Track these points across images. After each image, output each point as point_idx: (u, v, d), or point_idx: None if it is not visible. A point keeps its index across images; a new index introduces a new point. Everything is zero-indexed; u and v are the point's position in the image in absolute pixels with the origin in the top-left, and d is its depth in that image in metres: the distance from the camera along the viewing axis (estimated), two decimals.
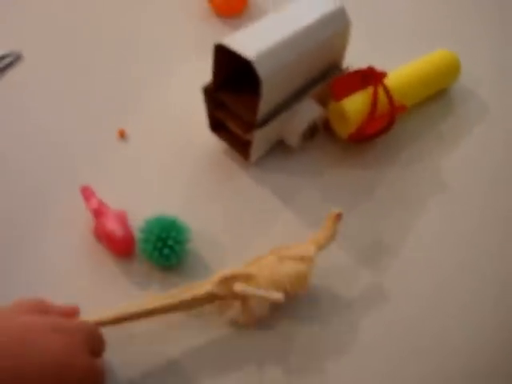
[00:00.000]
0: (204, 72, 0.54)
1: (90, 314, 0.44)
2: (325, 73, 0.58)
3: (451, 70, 0.63)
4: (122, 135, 0.60)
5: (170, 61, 0.67)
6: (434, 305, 0.49)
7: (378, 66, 0.58)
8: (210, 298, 0.46)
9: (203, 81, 0.55)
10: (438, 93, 0.64)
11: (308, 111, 0.56)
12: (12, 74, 0.66)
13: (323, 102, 0.58)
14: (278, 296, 0.45)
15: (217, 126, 0.58)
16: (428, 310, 0.49)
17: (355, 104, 0.56)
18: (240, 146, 0.57)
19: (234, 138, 0.57)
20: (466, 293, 0.50)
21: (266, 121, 0.54)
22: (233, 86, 0.56)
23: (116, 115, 0.62)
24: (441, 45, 0.64)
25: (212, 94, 0.55)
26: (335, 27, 0.55)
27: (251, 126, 0.54)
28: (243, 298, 0.46)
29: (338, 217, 0.48)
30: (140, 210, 0.53)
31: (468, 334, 0.48)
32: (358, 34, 0.58)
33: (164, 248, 0.49)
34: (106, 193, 0.54)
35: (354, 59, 0.60)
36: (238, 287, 0.45)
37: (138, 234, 0.50)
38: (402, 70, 0.61)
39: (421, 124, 0.62)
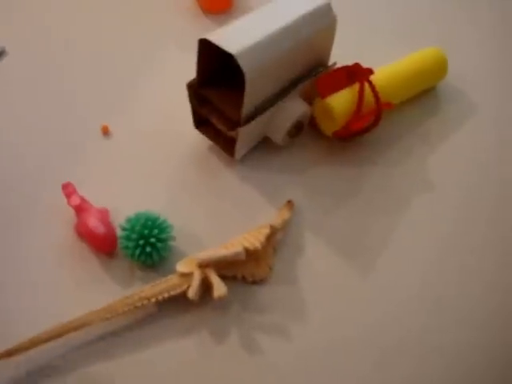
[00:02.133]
0: (189, 69, 0.54)
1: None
2: (311, 70, 0.58)
3: (439, 69, 0.63)
4: (106, 132, 0.60)
5: (155, 57, 0.67)
6: (419, 302, 0.49)
7: (365, 64, 0.58)
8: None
9: (188, 78, 0.55)
10: (425, 91, 0.64)
11: (293, 108, 0.56)
12: None
13: (309, 99, 0.58)
14: (237, 249, 0.47)
15: (201, 122, 0.58)
16: (413, 307, 0.49)
17: (341, 101, 0.56)
18: (225, 143, 0.57)
19: (219, 135, 0.57)
20: (451, 290, 0.50)
21: (250, 118, 0.53)
22: (218, 83, 0.55)
23: (100, 112, 0.62)
24: (428, 43, 0.64)
25: (196, 91, 0.55)
26: (321, 23, 0.55)
27: (236, 123, 0.53)
28: (205, 277, 0.47)
29: (290, 204, 0.53)
30: (123, 208, 0.53)
31: (452, 333, 0.48)
32: (345, 30, 0.58)
33: (146, 246, 0.48)
34: (88, 190, 0.54)
35: (341, 56, 0.60)
36: (202, 256, 0.47)
37: (119, 232, 0.50)
38: (389, 67, 0.61)
39: (407, 122, 0.62)
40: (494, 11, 0.74)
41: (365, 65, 0.58)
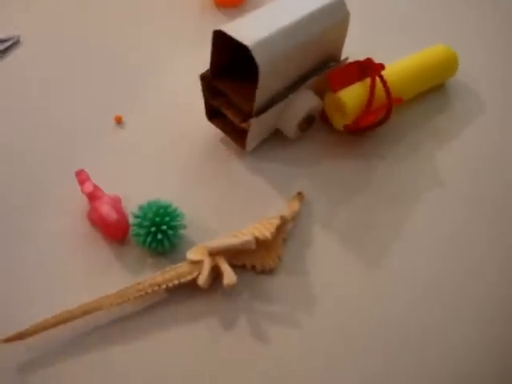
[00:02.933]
0: (202, 61, 0.55)
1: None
2: (323, 64, 0.59)
3: (449, 66, 0.63)
4: (119, 121, 0.61)
5: (168, 50, 0.68)
6: (426, 296, 0.50)
7: (377, 59, 0.58)
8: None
9: (201, 70, 0.56)
10: (435, 88, 0.64)
11: (305, 102, 0.56)
12: (11, 59, 0.66)
13: (320, 93, 0.59)
14: (247, 238, 0.48)
15: (213, 114, 0.59)
16: (420, 301, 0.50)
17: (352, 95, 0.56)
18: (236, 134, 0.58)
19: (231, 127, 0.58)
20: (460, 285, 0.51)
21: (262, 110, 0.54)
22: (231, 75, 0.56)
23: (113, 102, 0.63)
24: (439, 40, 0.64)
25: (209, 82, 0.56)
26: (334, 18, 0.56)
27: (248, 114, 0.54)
28: (215, 265, 0.48)
29: (300, 196, 0.54)
30: (135, 196, 0.54)
31: (460, 327, 0.48)
32: (358, 26, 0.59)
33: (157, 233, 0.49)
34: (101, 178, 0.55)
35: (353, 51, 0.60)
36: (212, 244, 0.48)
37: (131, 219, 0.51)
38: (400, 63, 0.61)
39: (417, 118, 0.62)
40: (505, 9, 0.74)
41: (376, 61, 0.58)
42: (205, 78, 0.55)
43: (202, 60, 0.55)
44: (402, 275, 0.51)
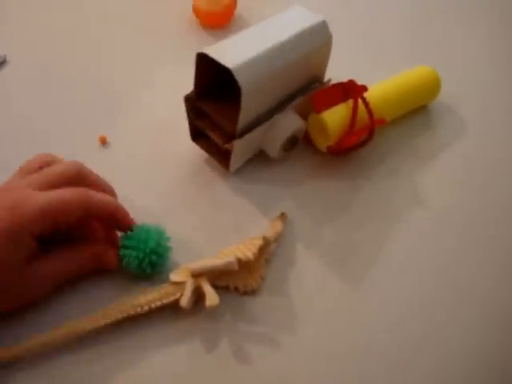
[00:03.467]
0: (187, 82, 0.56)
1: None
2: (306, 86, 0.60)
3: (431, 87, 0.65)
4: (104, 142, 0.61)
5: (153, 70, 0.68)
6: (412, 318, 0.50)
7: (360, 80, 0.59)
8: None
9: (186, 90, 0.56)
10: (417, 109, 0.66)
11: (288, 123, 0.57)
12: None
13: (304, 114, 0.60)
14: (229, 259, 0.48)
15: (198, 135, 0.59)
16: (405, 325, 0.50)
17: (335, 117, 0.57)
18: (220, 155, 0.58)
19: (215, 148, 0.58)
20: (443, 308, 0.51)
21: (246, 131, 0.55)
22: (214, 97, 0.57)
23: (98, 122, 0.63)
24: (421, 61, 0.66)
25: (193, 103, 0.57)
26: (317, 40, 0.57)
27: (231, 136, 0.55)
28: (198, 286, 0.48)
29: (283, 216, 0.55)
30: None
31: (448, 348, 0.49)
32: (340, 48, 0.60)
33: (151, 258, 0.50)
34: None
35: (336, 73, 0.61)
36: (195, 265, 0.48)
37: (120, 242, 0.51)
38: (383, 84, 0.63)
39: (399, 139, 0.63)
40: (489, 31, 0.76)
41: (359, 82, 0.59)
42: (189, 100, 0.56)
43: (187, 80, 0.56)
44: (386, 295, 0.51)
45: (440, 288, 0.52)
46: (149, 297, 0.48)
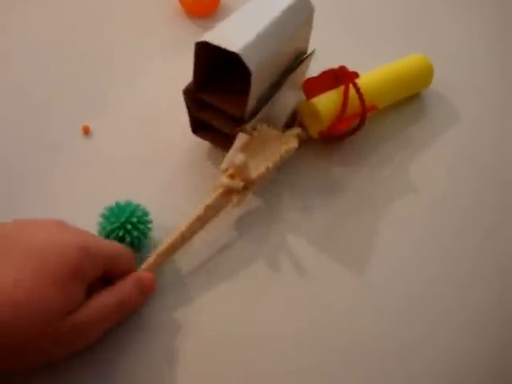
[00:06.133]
0: (175, 72, 0.56)
1: None
2: (295, 60, 0.61)
3: (424, 75, 0.66)
4: (87, 132, 0.62)
5: (139, 61, 0.69)
6: (404, 308, 0.51)
7: (352, 67, 0.61)
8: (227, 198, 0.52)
9: (174, 81, 0.57)
10: (410, 97, 0.67)
11: (289, 99, 0.58)
12: None
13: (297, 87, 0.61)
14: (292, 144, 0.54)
15: (199, 127, 0.60)
16: (398, 313, 0.51)
17: (326, 102, 0.58)
18: (226, 143, 0.58)
19: (220, 137, 0.58)
20: (439, 294, 0.52)
21: (253, 113, 0.56)
22: (213, 84, 0.57)
23: (82, 113, 0.63)
24: (414, 49, 0.67)
25: (193, 95, 0.57)
26: (302, 14, 0.59)
27: (240, 120, 0.55)
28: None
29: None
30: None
31: (447, 338, 0.50)
32: (333, 36, 0.61)
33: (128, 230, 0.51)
34: (67, 191, 0.56)
35: (328, 61, 0.62)
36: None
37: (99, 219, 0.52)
38: (375, 71, 0.64)
39: (391, 127, 0.64)
40: (482, 19, 0.78)
41: (351, 69, 0.61)
42: (188, 92, 0.56)
43: (175, 70, 0.57)
44: (378, 283, 0.52)
45: (435, 276, 0.53)
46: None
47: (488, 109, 0.68)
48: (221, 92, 0.57)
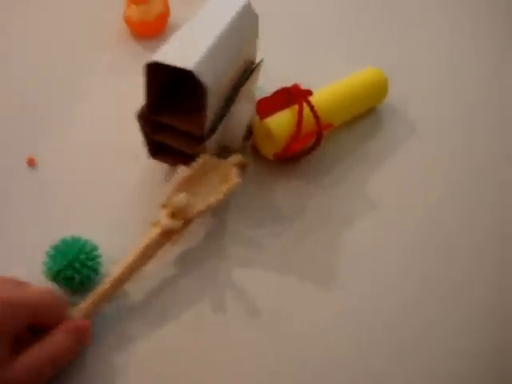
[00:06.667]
0: (121, 96, 0.55)
1: None
2: (245, 70, 0.60)
3: (379, 89, 0.66)
4: (32, 164, 0.59)
5: (86, 86, 0.66)
6: (361, 328, 0.51)
7: (306, 85, 0.60)
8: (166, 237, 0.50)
9: (122, 103, 0.55)
10: (366, 112, 0.66)
11: (245, 111, 0.58)
12: None
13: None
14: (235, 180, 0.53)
15: (157, 150, 0.58)
16: (354, 333, 0.50)
17: (280, 122, 0.57)
18: (187, 163, 0.56)
19: (180, 158, 0.56)
20: (395, 310, 0.52)
21: (211, 130, 0.54)
22: (165, 104, 0.56)
23: (26, 142, 0.61)
24: (367, 63, 0.67)
25: (147, 119, 0.55)
26: (248, 23, 0.58)
27: (199, 138, 0.54)
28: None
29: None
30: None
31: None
32: (285, 52, 0.60)
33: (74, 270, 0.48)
34: (14, 230, 0.54)
35: (282, 78, 0.61)
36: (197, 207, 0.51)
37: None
38: (329, 88, 0.63)
39: (349, 143, 0.64)
40: (433, 31, 0.78)
41: (306, 86, 0.60)
42: (142, 116, 0.54)
43: (123, 93, 0.55)
44: (341, 302, 0.52)
45: (396, 287, 0.53)
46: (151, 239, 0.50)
47: (442, 119, 0.68)
48: (175, 112, 0.55)
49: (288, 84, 0.60)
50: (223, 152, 0.58)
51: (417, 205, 0.59)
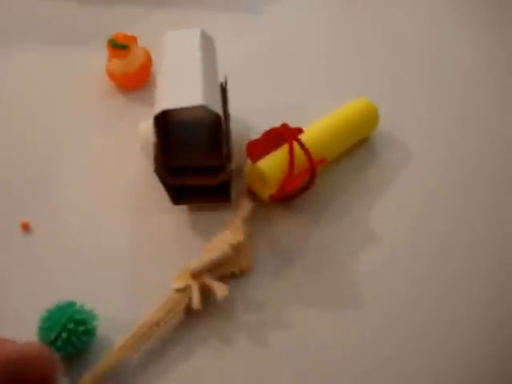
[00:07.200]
0: (114, 150, 0.54)
1: None
2: (221, 88, 0.61)
3: (369, 118, 0.65)
4: (26, 228, 0.59)
5: (73, 143, 0.66)
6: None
7: (295, 119, 0.60)
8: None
9: (114, 159, 0.55)
10: (359, 142, 0.66)
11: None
12: None
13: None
14: (225, 248, 0.52)
15: (177, 195, 0.58)
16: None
17: (272, 164, 0.57)
18: (213, 196, 0.58)
19: (204, 194, 0.58)
20: (397, 349, 0.52)
21: (228, 154, 0.55)
22: (172, 148, 0.57)
23: (17, 207, 0.61)
24: (356, 94, 0.66)
25: (167, 167, 0.55)
26: (211, 47, 0.60)
27: (220, 166, 0.55)
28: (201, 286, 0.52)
29: (241, 193, 0.60)
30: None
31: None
32: (271, 90, 0.60)
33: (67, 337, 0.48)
34: (8, 295, 0.53)
35: (270, 119, 0.61)
36: (194, 264, 0.52)
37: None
38: (319, 123, 0.63)
39: (345, 176, 0.63)
40: (420, 55, 0.78)
41: (295, 122, 0.60)
42: (159, 169, 0.55)
43: (114, 149, 0.55)
44: (348, 338, 0.52)
45: (405, 326, 0.53)
46: (161, 312, 0.50)
47: (437, 141, 0.67)
48: (189, 149, 0.56)
49: (277, 124, 0.60)
50: None
51: (423, 232, 0.59)
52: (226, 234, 0.55)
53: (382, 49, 0.78)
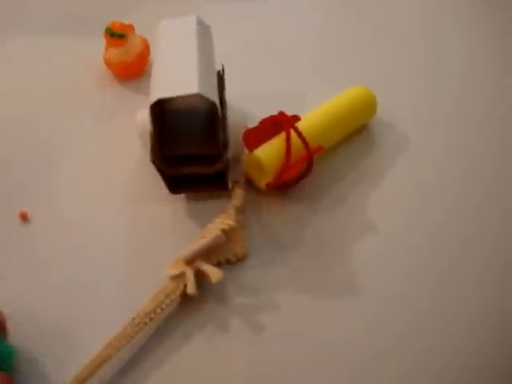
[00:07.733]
0: (111, 138, 0.55)
1: None
2: (218, 76, 0.61)
3: (367, 106, 0.66)
4: (25, 218, 0.59)
5: (72, 133, 0.67)
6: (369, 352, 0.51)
7: (293, 107, 0.61)
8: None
9: (113, 148, 0.56)
10: (357, 130, 0.66)
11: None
12: None
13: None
14: (216, 233, 0.53)
15: (174, 185, 0.58)
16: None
17: (268, 152, 0.57)
18: (210, 184, 0.58)
19: (201, 182, 0.58)
20: (392, 339, 0.52)
21: (224, 143, 0.56)
22: (169, 137, 0.57)
23: (16, 197, 0.61)
24: (354, 81, 0.66)
25: (161, 159, 0.55)
26: (207, 33, 0.61)
27: (217, 155, 0.55)
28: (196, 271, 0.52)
29: (238, 184, 0.60)
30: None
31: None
32: (269, 77, 0.60)
33: None
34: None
35: (268, 105, 0.62)
36: (186, 252, 0.52)
37: None
38: (316, 111, 0.63)
39: (343, 163, 0.64)
40: (419, 45, 0.78)
41: (292, 109, 0.60)
42: (156, 160, 0.55)
43: (111, 137, 0.55)
44: (345, 331, 0.52)
45: (402, 308, 0.53)
46: (157, 300, 0.51)
47: (435, 130, 0.67)
48: (185, 139, 0.57)
49: (274, 112, 0.60)
50: None
51: (420, 220, 0.59)
52: (217, 222, 0.55)
53: (380, 37, 0.79)
